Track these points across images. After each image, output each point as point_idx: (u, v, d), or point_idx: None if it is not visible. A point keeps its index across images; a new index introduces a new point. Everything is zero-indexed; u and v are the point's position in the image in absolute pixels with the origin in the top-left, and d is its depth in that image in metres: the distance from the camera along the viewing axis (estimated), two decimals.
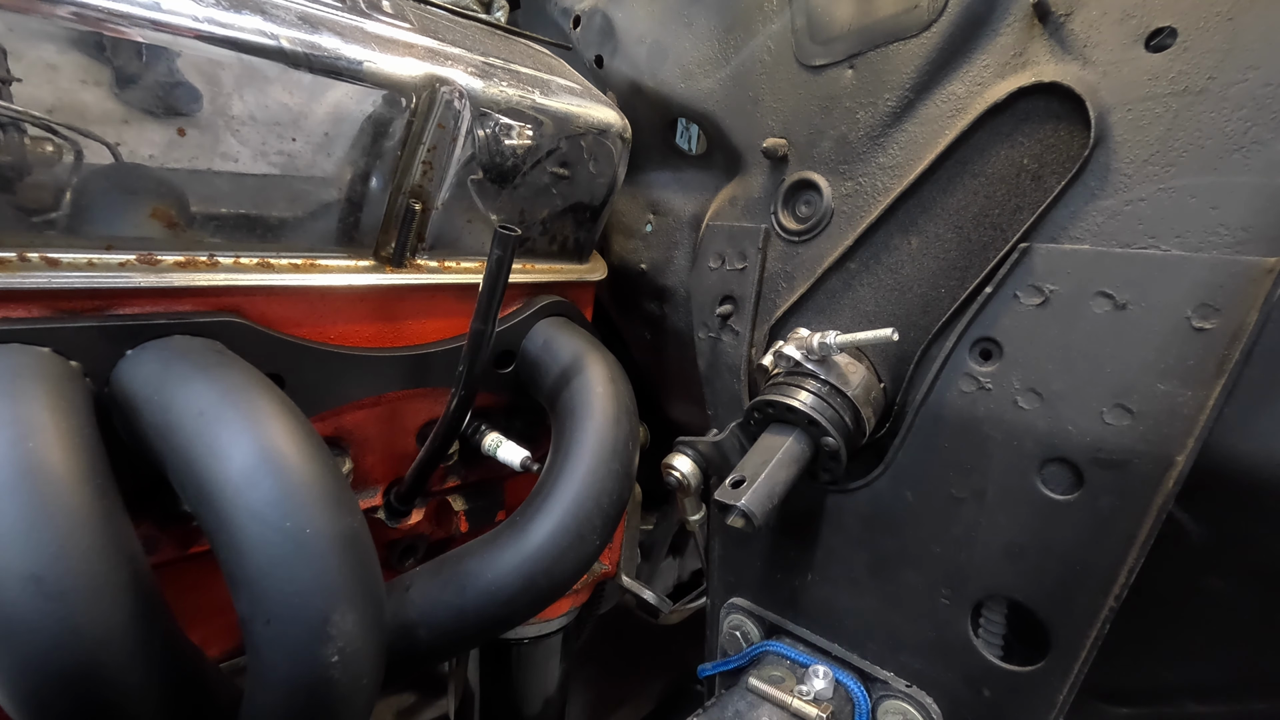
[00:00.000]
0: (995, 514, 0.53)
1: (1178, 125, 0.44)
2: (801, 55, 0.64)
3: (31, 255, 0.42)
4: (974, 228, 0.54)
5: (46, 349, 0.42)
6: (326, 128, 0.50)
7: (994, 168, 0.53)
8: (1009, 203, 0.52)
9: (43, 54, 0.39)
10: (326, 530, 0.38)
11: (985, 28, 0.53)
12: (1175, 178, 0.44)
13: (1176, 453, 0.45)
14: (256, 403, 0.41)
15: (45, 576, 0.32)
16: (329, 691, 0.36)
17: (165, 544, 0.52)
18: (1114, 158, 0.47)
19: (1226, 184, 0.43)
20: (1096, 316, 0.47)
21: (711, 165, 0.77)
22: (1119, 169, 0.47)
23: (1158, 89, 0.45)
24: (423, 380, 0.62)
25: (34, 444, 0.35)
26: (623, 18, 0.81)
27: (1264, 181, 0.42)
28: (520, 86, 0.61)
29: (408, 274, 0.59)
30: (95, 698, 0.33)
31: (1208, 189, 0.43)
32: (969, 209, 0.55)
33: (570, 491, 0.55)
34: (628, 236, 0.86)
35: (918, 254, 0.58)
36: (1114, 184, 0.47)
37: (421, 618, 0.51)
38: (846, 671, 0.63)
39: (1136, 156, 0.46)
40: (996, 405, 0.52)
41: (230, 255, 0.50)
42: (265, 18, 0.47)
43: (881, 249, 0.59)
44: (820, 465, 0.59)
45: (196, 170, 0.46)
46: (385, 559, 0.71)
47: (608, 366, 0.64)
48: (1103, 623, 0.49)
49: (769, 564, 0.70)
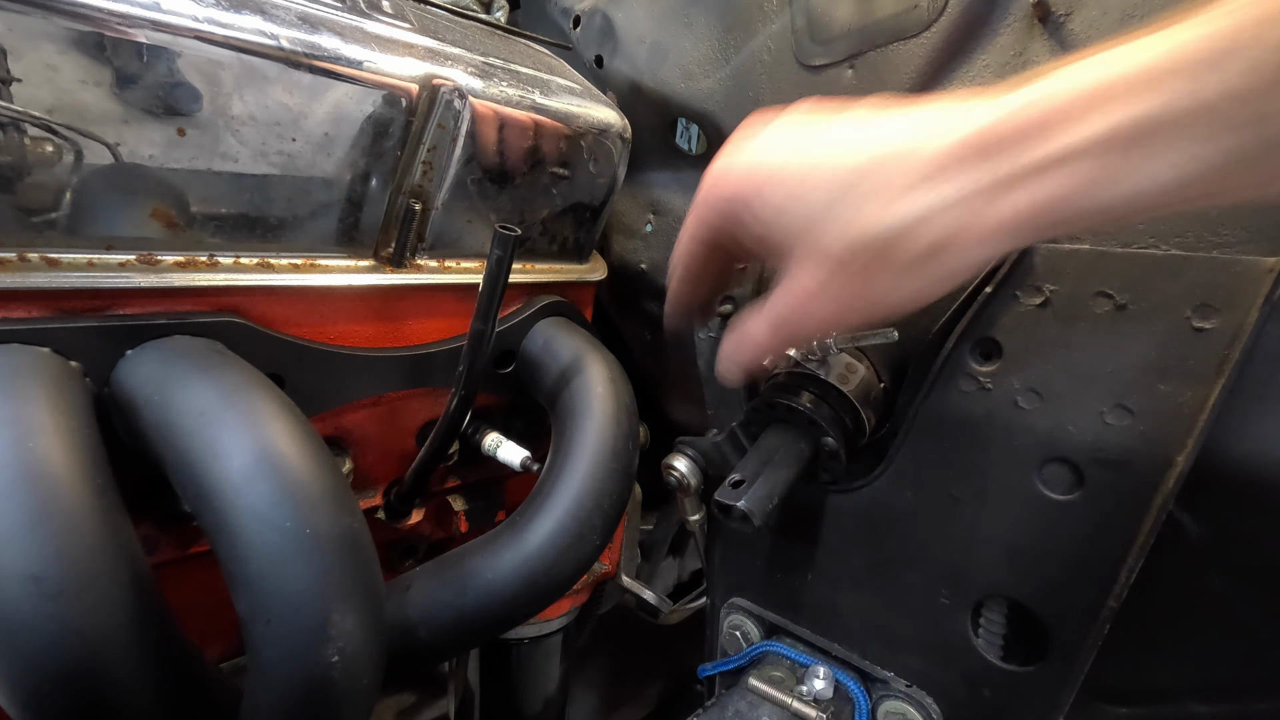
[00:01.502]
0: (995, 514, 0.53)
1: None
2: (801, 55, 0.64)
3: (31, 255, 0.42)
4: None
5: (46, 349, 0.42)
6: (326, 128, 0.50)
7: None
8: None
9: (43, 54, 0.39)
10: (326, 530, 0.38)
11: (985, 28, 0.53)
12: None
13: (1176, 453, 0.45)
14: (256, 403, 0.41)
15: (45, 576, 0.32)
16: (329, 691, 0.36)
17: (165, 544, 0.52)
18: None
19: None
20: (1096, 316, 0.47)
21: None
22: None
23: None
24: (423, 380, 0.62)
25: (34, 444, 0.35)
26: (623, 18, 0.81)
27: None
28: (520, 86, 0.61)
29: (408, 274, 0.59)
30: (95, 698, 0.33)
31: None
32: None
33: (570, 491, 0.55)
34: (628, 236, 0.86)
35: None
36: None
37: (421, 618, 0.51)
38: (846, 672, 0.63)
39: None
40: (996, 405, 0.52)
41: (230, 255, 0.50)
42: (265, 18, 0.47)
43: None
44: (820, 465, 0.59)
45: (196, 170, 0.46)
46: (385, 559, 0.71)
47: (608, 366, 0.64)
48: (1103, 623, 0.49)
49: (769, 564, 0.70)
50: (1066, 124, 0.29)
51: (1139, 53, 0.28)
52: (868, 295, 0.35)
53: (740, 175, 0.40)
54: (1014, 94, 0.31)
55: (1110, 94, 0.28)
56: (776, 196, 0.37)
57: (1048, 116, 0.29)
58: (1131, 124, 0.27)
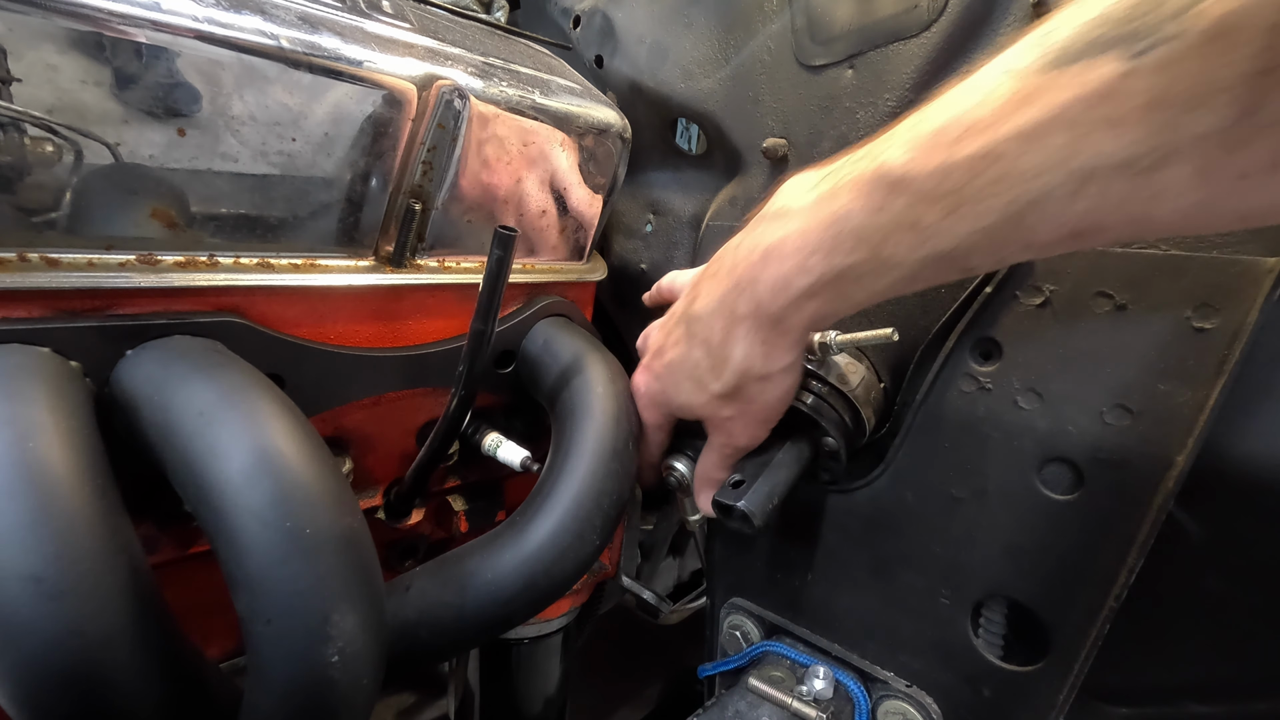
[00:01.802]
0: (995, 514, 0.53)
1: None
2: (801, 55, 0.64)
3: (31, 255, 0.42)
4: None
5: (46, 349, 0.42)
6: (326, 128, 0.50)
7: None
8: None
9: (43, 54, 0.39)
10: (326, 530, 0.38)
11: (985, 28, 0.53)
12: None
13: (1176, 453, 0.45)
14: (256, 403, 0.41)
15: (45, 577, 0.32)
16: (329, 691, 0.36)
17: (165, 544, 0.52)
18: None
19: None
20: (1096, 316, 0.47)
21: (711, 165, 0.77)
22: None
23: None
24: (423, 380, 0.62)
25: (34, 444, 0.35)
26: (623, 18, 0.81)
27: None
28: (520, 86, 0.61)
29: (408, 274, 0.59)
30: (95, 698, 0.33)
31: None
32: None
33: (570, 491, 0.55)
34: (628, 236, 0.86)
35: None
36: None
37: (421, 618, 0.51)
38: (846, 672, 0.63)
39: None
40: (996, 405, 0.52)
41: (230, 255, 0.50)
42: (265, 18, 0.46)
43: None
44: (820, 465, 0.59)
45: (196, 170, 0.46)
46: (385, 559, 0.71)
47: (608, 366, 0.64)
48: (1103, 623, 0.49)
49: (769, 564, 0.70)
50: (799, 274, 0.44)
51: (808, 226, 0.43)
52: (757, 407, 0.53)
53: (646, 385, 0.61)
54: (758, 248, 0.46)
55: (800, 253, 0.44)
56: (673, 395, 0.57)
57: (787, 269, 0.44)
58: (833, 273, 0.43)
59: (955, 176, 0.35)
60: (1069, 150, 0.32)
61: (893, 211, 0.38)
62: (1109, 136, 0.30)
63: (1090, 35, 0.31)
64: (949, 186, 0.36)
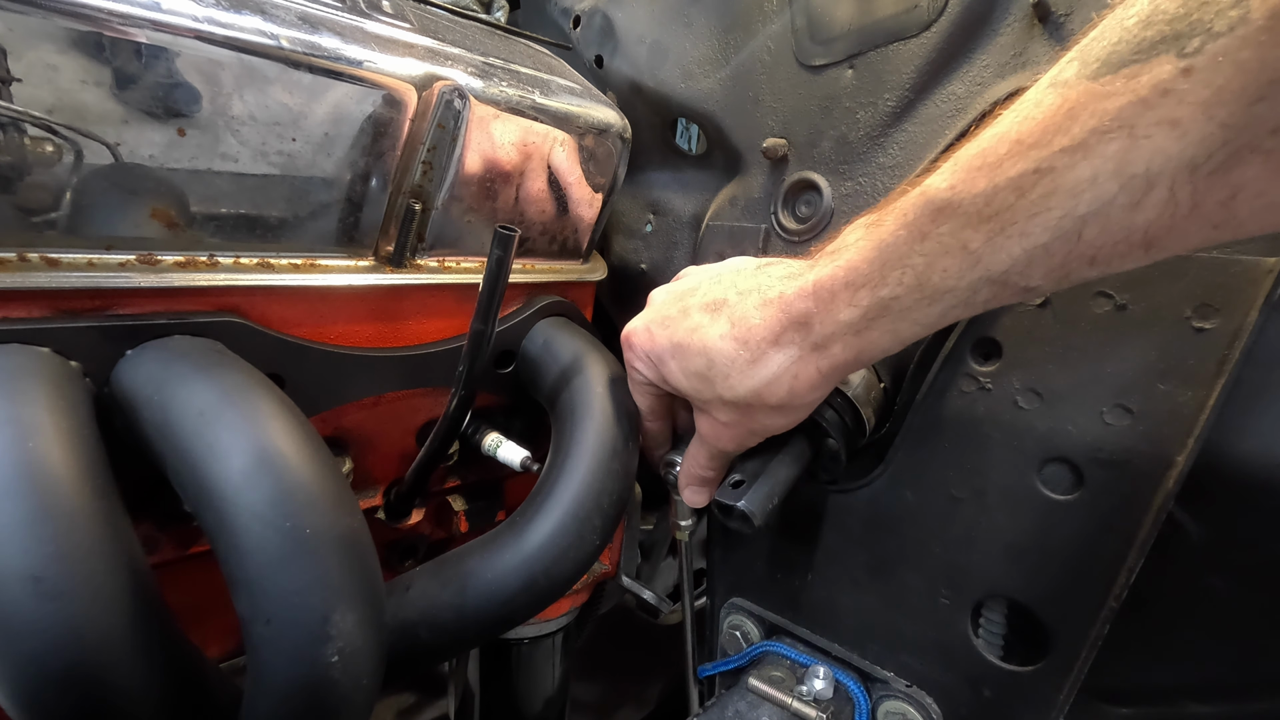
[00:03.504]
0: (995, 514, 0.53)
1: None
2: (801, 55, 0.64)
3: (31, 255, 0.42)
4: None
5: (46, 349, 0.42)
6: (326, 128, 0.50)
7: None
8: None
9: (43, 54, 0.39)
10: (326, 530, 0.38)
11: (985, 28, 0.53)
12: None
13: (1176, 453, 0.45)
14: (256, 403, 0.41)
15: (45, 576, 0.32)
16: (329, 692, 0.36)
17: (165, 544, 0.52)
18: None
19: None
20: (1096, 317, 0.47)
21: (711, 165, 0.77)
22: None
23: None
24: (423, 380, 0.62)
25: (34, 444, 0.35)
26: (623, 18, 0.81)
27: None
28: (520, 86, 0.61)
29: (408, 274, 0.59)
30: (95, 698, 0.33)
31: None
32: None
33: (570, 491, 0.55)
34: (628, 236, 0.86)
35: None
36: None
37: (421, 618, 0.51)
38: (846, 672, 0.63)
39: None
40: (996, 405, 0.52)
41: (230, 255, 0.50)
42: (265, 18, 0.47)
43: None
44: (820, 465, 0.59)
45: (196, 170, 0.46)
46: (385, 559, 0.71)
47: (608, 366, 0.64)
48: (1103, 623, 0.49)
49: (769, 564, 0.70)
50: (837, 307, 0.43)
51: (855, 259, 0.42)
52: (755, 427, 0.51)
53: (643, 342, 0.55)
54: (808, 279, 0.44)
55: (850, 288, 0.42)
56: (674, 369, 0.52)
57: (831, 301, 0.43)
58: (875, 306, 0.41)
59: (1002, 196, 0.34)
60: (1125, 157, 0.30)
61: (939, 237, 0.37)
62: (1171, 138, 0.29)
63: (1140, 36, 0.29)
64: (996, 207, 0.34)
